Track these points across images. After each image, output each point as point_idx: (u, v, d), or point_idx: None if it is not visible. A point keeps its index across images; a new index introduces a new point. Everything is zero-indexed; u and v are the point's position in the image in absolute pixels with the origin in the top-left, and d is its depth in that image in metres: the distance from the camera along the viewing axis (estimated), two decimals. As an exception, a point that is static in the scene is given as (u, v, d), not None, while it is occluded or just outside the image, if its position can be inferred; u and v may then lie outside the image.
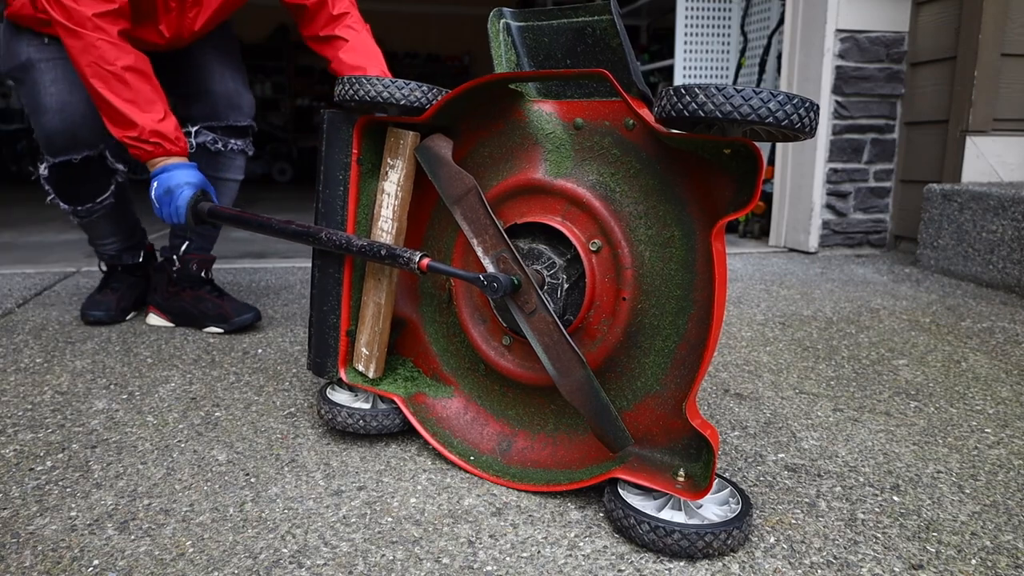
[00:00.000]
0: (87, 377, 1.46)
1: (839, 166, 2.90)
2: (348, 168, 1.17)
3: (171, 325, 1.84)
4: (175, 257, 1.81)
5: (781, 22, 3.18)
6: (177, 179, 1.42)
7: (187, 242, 1.81)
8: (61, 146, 1.57)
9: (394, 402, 1.15)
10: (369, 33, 1.67)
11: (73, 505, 0.97)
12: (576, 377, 0.95)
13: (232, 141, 1.77)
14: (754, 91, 0.77)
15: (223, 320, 1.76)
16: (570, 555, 0.87)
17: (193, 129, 1.72)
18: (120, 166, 1.69)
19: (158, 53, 1.73)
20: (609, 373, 1.00)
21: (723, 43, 3.68)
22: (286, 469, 1.08)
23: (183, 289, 1.82)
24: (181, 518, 0.94)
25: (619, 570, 0.84)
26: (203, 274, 1.83)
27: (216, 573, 0.83)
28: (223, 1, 1.63)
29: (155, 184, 1.43)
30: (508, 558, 0.86)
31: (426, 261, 1.03)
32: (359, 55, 1.59)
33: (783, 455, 1.14)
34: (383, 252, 1.07)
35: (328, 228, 1.16)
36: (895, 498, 1.00)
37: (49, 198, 1.69)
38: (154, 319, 1.85)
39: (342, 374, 1.19)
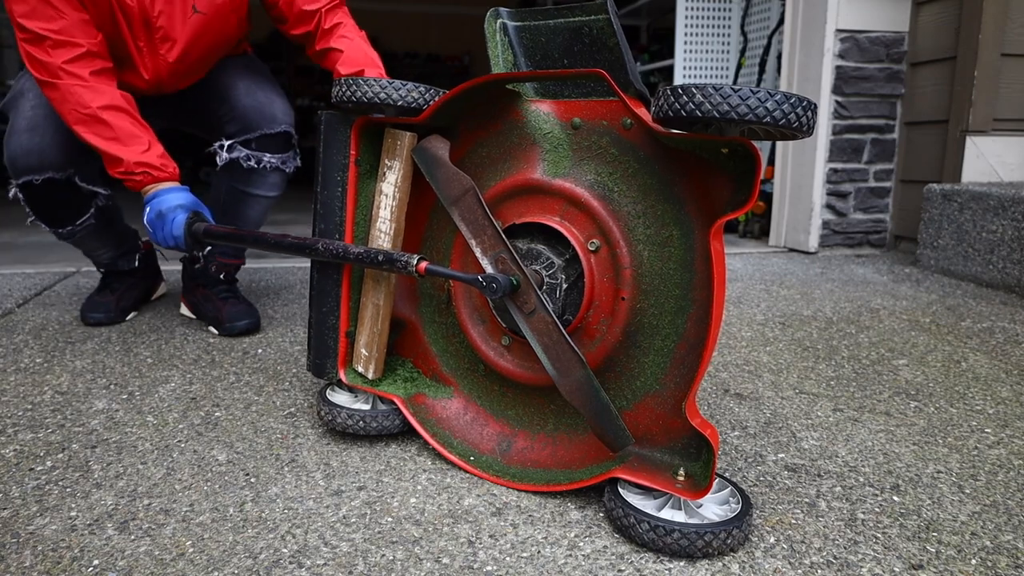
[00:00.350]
0: (87, 377, 1.46)
1: (839, 166, 2.90)
2: (346, 169, 1.17)
3: (194, 316, 1.88)
4: (200, 255, 1.82)
5: (781, 22, 3.18)
6: (168, 203, 1.41)
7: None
8: (23, 166, 1.54)
9: (394, 403, 1.16)
10: (365, 40, 1.66)
11: (73, 505, 0.97)
12: (576, 377, 0.95)
13: (267, 157, 1.68)
14: (751, 91, 0.77)
15: (217, 324, 1.77)
16: (570, 555, 0.87)
17: (226, 143, 1.66)
18: (100, 189, 1.66)
19: (185, 93, 1.72)
20: (608, 373, 1.00)
21: (723, 43, 3.68)
22: (286, 469, 1.08)
23: (199, 285, 1.85)
24: (181, 518, 0.94)
25: (619, 570, 0.84)
26: (221, 276, 1.84)
27: (216, 573, 0.83)
28: (195, 33, 1.58)
29: (147, 209, 1.43)
30: (508, 558, 0.86)
31: (424, 265, 1.03)
32: (354, 63, 1.58)
33: (783, 455, 1.14)
34: (380, 258, 1.07)
35: (324, 238, 1.16)
36: (895, 498, 1.00)
37: (30, 219, 1.67)
38: (184, 309, 1.91)
39: (341, 375, 1.20)
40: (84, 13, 1.46)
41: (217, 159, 1.68)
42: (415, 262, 1.03)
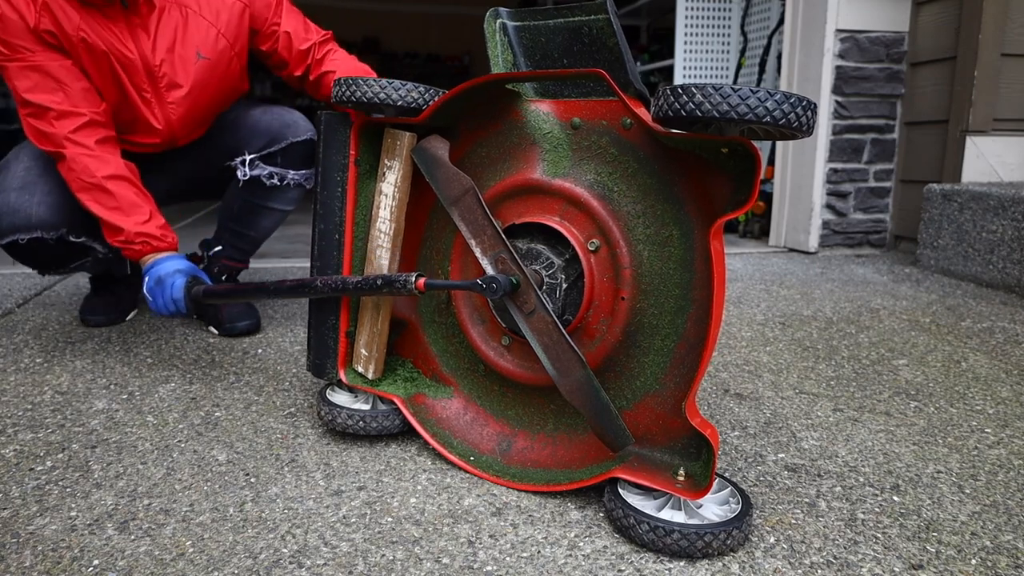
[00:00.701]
0: (87, 377, 1.46)
1: (839, 166, 2.90)
2: (346, 169, 1.17)
3: (194, 316, 1.87)
4: (206, 254, 1.82)
5: (781, 22, 3.18)
6: (167, 269, 1.40)
7: (220, 246, 1.81)
8: (8, 225, 1.48)
9: (394, 403, 1.16)
10: (355, 60, 1.68)
11: (73, 505, 0.97)
12: (576, 377, 0.95)
13: (291, 174, 1.68)
14: (751, 90, 0.77)
15: (218, 324, 1.77)
16: (570, 555, 0.87)
17: (248, 158, 1.64)
18: (98, 246, 1.60)
19: (196, 144, 1.70)
20: (608, 372, 1.00)
21: (723, 43, 3.68)
22: (286, 469, 1.08)
23: None
24: (181, 518, 0.94)
25: (619, 570, 0.84)
26: (223, 278, 1.83)
27: (216, 573, 0.83)
28: (201, 78, 1.57)
29: (147, 279, 1.41)
30: (508, 558, 0.86)
31: (422, 281, 1.03)
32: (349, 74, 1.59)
33: (783, 455, 1.14)
34: (379, 283, 1.06)
35: (321, 275, 1.16)
36: (895, 498, 1.00)
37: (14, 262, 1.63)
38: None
39: (341, 375, 1.20)
40: (86, 82, 1.46)
41: (238, 173, 1.65)
42: (413, 280, 1.03)
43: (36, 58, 1.41)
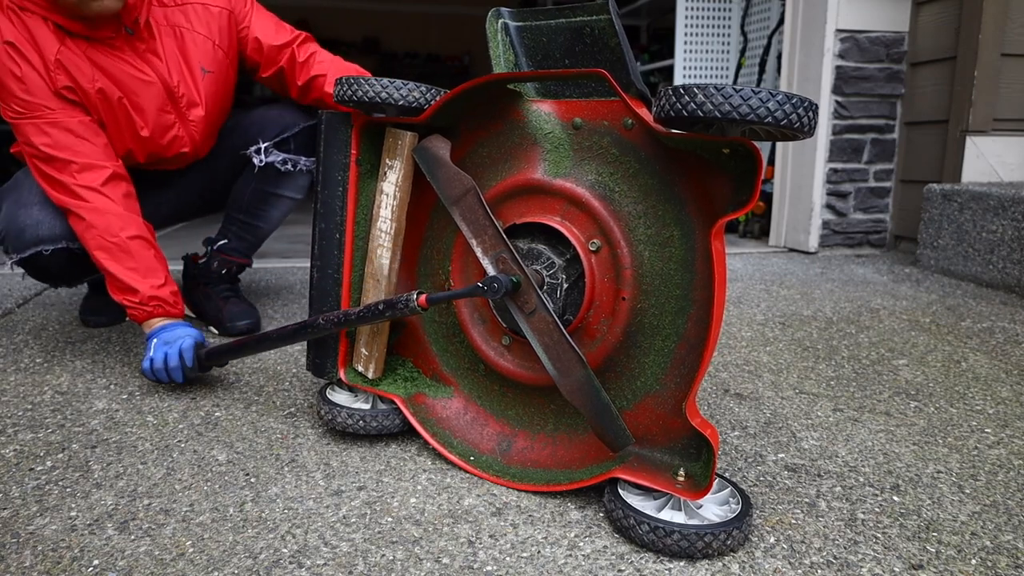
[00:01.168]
0: (87, 377, 1.46)
1: (839, 166, 2.90)
2: (347, 169, 1.17)
3: (194, 316, 1.87)
4: (210, 249, 1.82)
5: (781, 22, 3.18)
6: (178, 333, 1.39)
7: (224, 240, 1.81)
8: (33, 237, 1.47)
9: (394, 402, 1.16)
10: (340, 60, 1.68)
11: (73, 505, 0.97)
12: (576, 377, 0.95)
13: (303, 161, 1.72)
14: (752, 91, 0.77)
15: (218, 323, 1.77)
16: (570, 555, 0.87)
17: (264, 145, 1.67)
18: None
19: (210, 154, 1.71)
20: (609, 373, 1.00)
21: (723, 43, 3.68)
22: (286, 469, 1.08)
23: (199, 284, 1.84)
24: (181, 518, 0.94)
25: (619, 570, 0.84)
26: (223, 272, 1.83)
27: (216, 573, 0.83)
28: (209, 92, 1.58)
29: (154, 342, 1.38)
30: (508, 558, 0.86)
31: (423, 297, 1.03)
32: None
33: (783, 455, 1.14)
34: (381, 308, 1.06)
35: (322, 313, 1.15)
36: (895, 498, 1.00)
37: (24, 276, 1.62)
38: (184, 308, 1.90)
39: (341, 375, 1.20)
40: (104, 137, 1.46)
41: (255, 159, 1.67)
42: (415, 298, 1.02)
43: (56, 116, 1.40)
